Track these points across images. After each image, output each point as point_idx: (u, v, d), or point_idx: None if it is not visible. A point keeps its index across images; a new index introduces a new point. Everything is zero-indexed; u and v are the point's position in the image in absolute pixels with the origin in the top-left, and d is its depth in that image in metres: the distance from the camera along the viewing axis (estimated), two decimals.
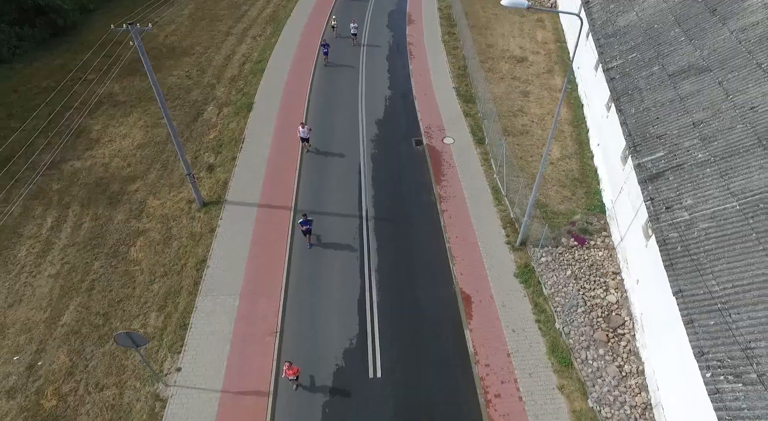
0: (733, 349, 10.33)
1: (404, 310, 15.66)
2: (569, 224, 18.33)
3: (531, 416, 13.09)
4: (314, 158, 21.53)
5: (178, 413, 13.11)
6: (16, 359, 14.70)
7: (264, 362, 14.17)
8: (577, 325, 15.09)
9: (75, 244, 18.28)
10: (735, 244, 11.85)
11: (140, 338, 11.91)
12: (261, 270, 16.74)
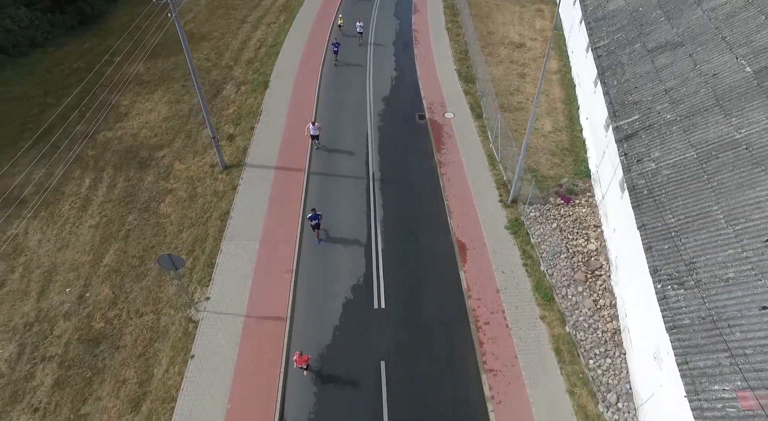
0: (680, 265, 12.47)
1: (406, 254, 17.89)
2: (557, 186, 20.50)
3: (516, 338, 15.26)
4: (326, 127, 23.85)
5: (208, 333, 15.42)
6: (69, 291, 17.07)
7: (282, 294, 16.45)
8: (560, 268, 17.23)
9: (111, 200, 20.68)
10: (689, 184, 14.00)
11: (179, 259, 14.23)
12: (278, 221, 19.04)
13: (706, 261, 12.11)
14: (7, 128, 24.73)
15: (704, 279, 11.86)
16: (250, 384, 14.16)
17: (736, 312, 10.85)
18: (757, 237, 11.67)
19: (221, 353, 14.89)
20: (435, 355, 14.96)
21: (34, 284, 17.39)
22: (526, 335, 15.35)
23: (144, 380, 14.55)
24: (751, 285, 11.02)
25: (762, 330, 10.29)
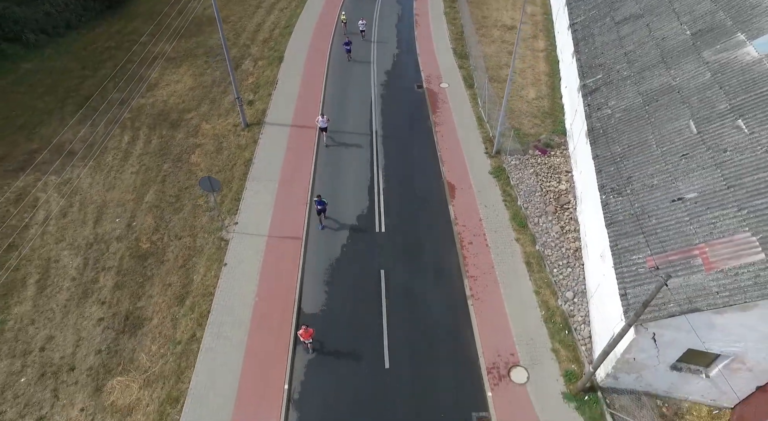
0: (620, 181, 15.95)
1: (403, 192, 21.40)
2: (536, 141, 23.98)
3: (494, 254, 18.71)
4: (333, 92, 27.48)
5: (237, 248, 18.97)
6: (118, 220, 20.67)
7: (298, 220, 19.99)
8: (534, 203, 20.69)
9: (147, 153, 24.33)
10: (634, 122, 17.50)
11: (216, 182, 17.82)
12: (294, 167, 22.60)
13: (639, 175, 15.60)
14: (53, 96, 28.45)
15: (636, 188, 15.34)
16: (273, 284, 17.68)
17: (654, 207, 14.32)
18: (677, 154, 15.14)
19: (249, 262, 18.44)
20: (425, 266, 18.44)
21: (90, 215, 21.01)
22: (503, 252, 18.81)
23: (186, 283, 18.11)
24: (668, 187, 14.48)
25: (668, 216, 13.75)
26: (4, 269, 18.39)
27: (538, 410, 14.34)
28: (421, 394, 14.81)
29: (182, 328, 16.65)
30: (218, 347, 15.88)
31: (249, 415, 14.22)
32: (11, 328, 16.79)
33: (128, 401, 14.93)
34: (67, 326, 16.95)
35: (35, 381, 15.39)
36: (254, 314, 16.79)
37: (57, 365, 15.83)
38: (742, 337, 11.67)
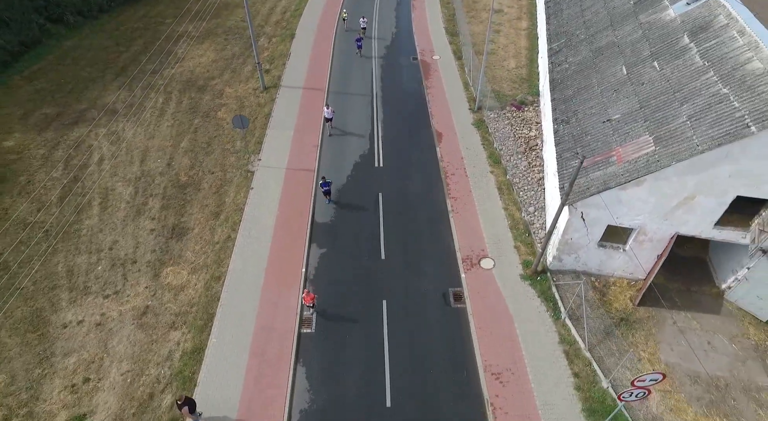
0: (568, 114, 20.61)
1: (397, 137, 26.10)
2: (513, 99, 28.67)
3: (472, 183, 23.35)
4: (339, 63, 32.26)
5: (261, 177, 23.66)
6: (159, 161, 25.41)
7: (311, 157, 24.69)
8: (508, 146, 25.34)
9: (180, 111, 29.10)
10: (584, 72, 22.18)
11: (246, 119, 22.55)
12: (307, 119, 27.34)
13: (582, 108, 20.27)
14: (94, 67, 33.30)
15: (579, 117, 20.00)
16: (291, 204, 22.35)
17: (590, 128, 18.96)
18: (610, 90, 19.81)
19: (271, 186, 23.15)
20: (415, 191, 23.09)
21: (136, 157, 25.76)
22: (479, 181, 23.46)
23: (220, 203, 22.79)
24: (601, 114, 19.15)
25: (599, 133, 18.40)
26: (73, 194, 23.13)
27: (500, 287, 18.90)
28: (410, 276, 19.40)
29: (219, 233, 21.33)
30: (249, 244, 20.54)
31: (275, 287, 18.83)
32: (85, 234, 21.48)
33: (180, 282, 19.57)
34: (127, 234, 21.62)
35: (109, 269, 20.06)
36: (277, 222, 21.47)
37: (123, 259, 20.49)
38: (641, 210, 16.24)
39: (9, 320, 18.01)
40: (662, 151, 15.53)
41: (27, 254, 20.20)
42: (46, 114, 28.64)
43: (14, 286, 18.92)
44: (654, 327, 17.37)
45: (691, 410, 15.14)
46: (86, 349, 17.31)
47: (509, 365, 16.42)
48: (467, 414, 15.28)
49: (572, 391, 15.75)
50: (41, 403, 15.79)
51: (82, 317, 18.29)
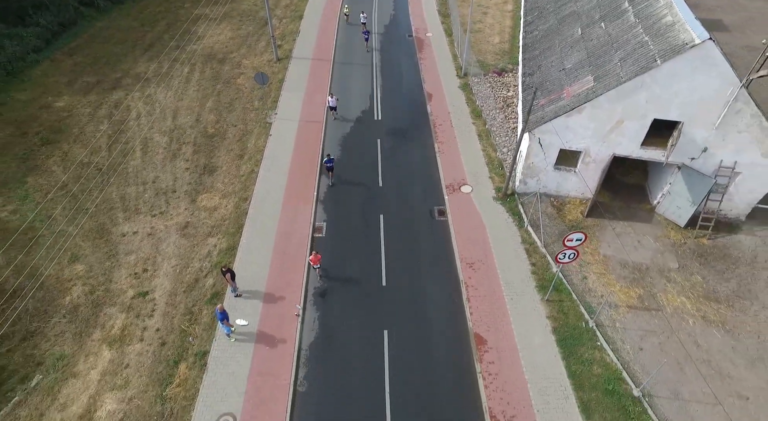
0: (533, 68, 25.41)
1: (394, 98, 30.94)
2: (494, 68, 33.51)
3: (456, 131, 28.13)
4: (343, 39, 37.13)
5: (278, 127, 28.46)
6: (188, 117, 30.25)
7: (320, 113, 29.49)
8: (488, 103, 30.14)
9: (203, 78, 33.97)
10: (549, 35, 27.01)
11: (266, 76, 27.37)
12: (316, 83, 32.18)
13: (545, 63, 25.07)
14: (124, 44, 38.23)
15: (542, 70, 24.77)
16: (304, 146, 27.12)
17: (549, 76, 23.76)
18: (567, 47, 24.60)
19: (287, 134, 27.94)
20: (408, 136, 27.88)
21: (168, 114, 30.59)
22: (462, 130, 28.24)
23: (243, 148, 27.58)
24: (558, 65, 23.92)
25: (555, 79, 23.18)
26: (117, 142, 27.95)
27: (476, 205, 23.62)
28: (403, 198, 24.12)
29: (244, 168, 26.12)
30: (269, 175, 25.32)
31: (292, 205, 23.56)
32: (132, 172, 26.25)
33: (213, 204, 24.31)
34: (166, 171, 26.41)
35: (153, 196, 24.82)
36: (292, 159, 26.27)
37: (164, 189, 25.26)
38: (584, 134, 20.96)
39: (81, 231, 22.76)
40: (598, 85, 20.30)
41: (87, 185, 25.01)
42: (87, 81, 33.54)
43: (81, 208, 23.71)
44: (597, 232, 22.08)
45: (618, 284, 19.81)
46: (142, 251, 22.05)
47: (481, 258, 21.12)
48: (447, 290, 19.96)
49: (529, 275, 20.44)
50: (113, 284, 20.54)
51: (136, 229, 23.06)
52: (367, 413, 16.17)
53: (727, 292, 19.62)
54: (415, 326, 18.73)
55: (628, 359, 17.42)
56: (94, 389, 17.13)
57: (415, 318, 18.99)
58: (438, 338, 18.37)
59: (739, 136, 19.37)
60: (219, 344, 18.11)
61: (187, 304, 19.68)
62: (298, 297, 19.57)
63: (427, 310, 19.30)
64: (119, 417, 16.28)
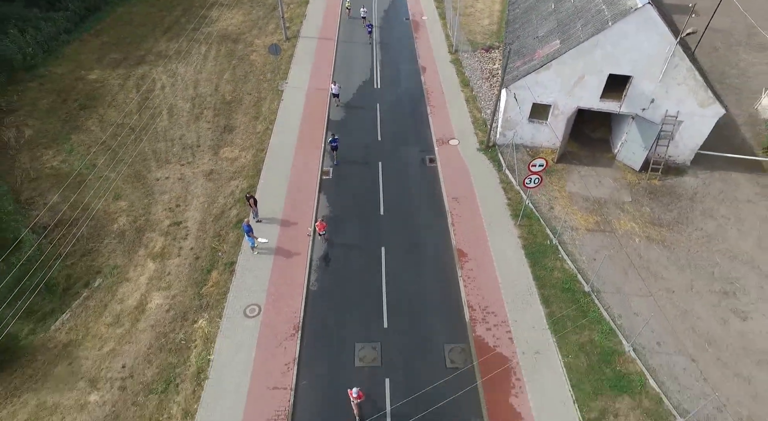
0: (514, 38, 29.58)
1: (392, 70, 35.13)
2: (483, 45, 37.70)
3: (446, 97, 32.28)
4: (346, 20, 41.35)
5: (289, 94, 32.62)
6: (208, 87, 34.42)
7: (326, 83, 33.65)
8: (476, 75, 34.30)
9: (220, 55, 38.17)
10: (527, 12, 31.20)
11: (279, 48, 31.53)
12: (321, 60, 36.38)
13: (523, 34, 29.25)
14: (144, 27, 42.47)
15: (521, 39, 28.93)
16: (312, 108, 31.27)
17: (525, 43, 27.93)
18: (542, 19, 28.78)
19: (297, 99, 32.10)
20: (405, 101, 32.05)
21: (190, 85, 34.76)
22: (452, 95, 32.41)
23: (258, 111, 31.71)
24: (533, 34, 28.08)
25: (530, 45, 27.34)
26: (146, 107, 32.12)
27: (461, 155, 27.71)
28: (398, 149, 28.20)
29: (259, 127, 30.26)
30: (282, 132, 29.45)
31: (303, 153, 27.65)
32: (160, 131, 30.40)
33: (234, 155, 28.42)
34: (191, 130, 30.54)
35: (181, 150, 28.94)
36: (302, 119, 30.42)
37: (190, 144, 29.37)
38: (552, 89, 25.06)
39: (121, 176, 26.87)
40: (563, 47, 24.42)
41: (122, 141, 29.15)
42: (114, 58, 37.76)
43: (119, 159, 27.84)
44: (565, 174, 26.15)
45: (580, 214, 23.86)
46: (174, 191, 26.16)
47: (465, 193, 25.21)
48: (435, 218, 24.03)
49: (505, 206, 24.50)
50: (152, 215, 24.64)
51: (168, 175, 27.18)
52: (367, 306, 20.20)
53: (669, 219, 23.67)
54: (407, 243, 22.80)
55: (583, 267, 21.45)
56: (143, 289, 21.20)
57: (408, 238, 23.06)
58: (427, 252, 22.44)
59: (679, 88, 23.45)
60: (244, 256, 22.18)
61: (215, 229, 23.77)
62: (309, 221, 23.66)
63: (418, 233, 23.37)
64: (165, 308, 20.35)
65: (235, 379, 17.74)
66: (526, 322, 19.52)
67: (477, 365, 18.16)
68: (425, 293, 20.69)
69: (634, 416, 16.67)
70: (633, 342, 18.49)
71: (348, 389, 16.33)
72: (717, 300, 20.17)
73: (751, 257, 21.87)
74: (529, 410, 16.93)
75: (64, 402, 17.38)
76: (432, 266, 21.79)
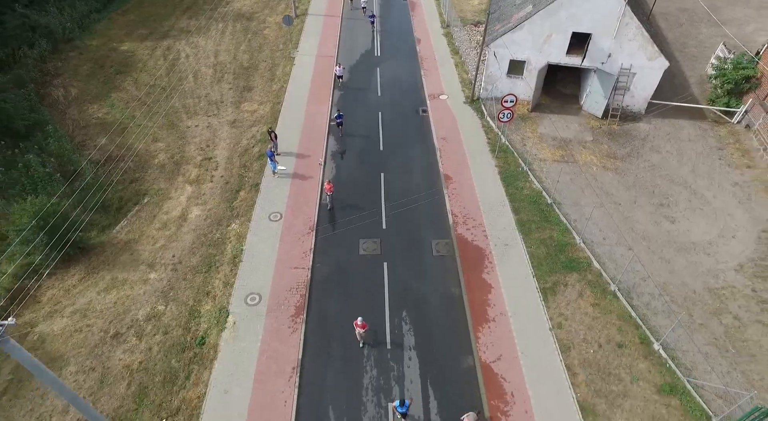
0: (496, 9, 34.71)
1: (390, 40, 40.27)
2: (472, 21, 42.85)
3: (438, 62, 37.39)
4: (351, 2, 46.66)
5: (300, 59, 37.73)
6: (227, 55, 39.50)
7: (332, 51, 38.75)
8: (465, 45, 39.41)
9: (236, 31, 43.33)
10: None
11: (292, 19, 36.65)
12: (328, 33, 41.55)
13: (504, 4, 34.37)
14: (166, 8, 47.68)
15: (501, 9, 34.04)
16: (320, 71, 36.37)
17: (506, 11, 33.02)
18: None
19: (307, 63, 37.23)
20: (402, 65, 37.18)
21: (210, 54, 39.87)
22: (443, 61, 37.54)
23: (272, 74, 36.79)
24: (512, 3, 33.19)
25: (510, 11, 32.45)
26: (173, 72, 37.22)
27: (450, 106, 32.75)
28: (395, 103, 33.24)
29: (275, 86, 35.32)
30: (295, 89, 34.53)
31: (314, 107, 32.67)
32: (188, 90, 35.47)
33: (253, 108, 33.45)
34: (215, 90, 35.60)
35: (207, 105, 33.98)
36: (312, 79, 35.52)
37: (215, 101, 34.42)
38: (525, 46, 30.10)
39: (157, 125, 31.92)
40: (533, 9, 29.48)
41: (155, 98, 34.22)
42: (141, 33, 42.94)
43: (154, 112, 32.88)
44: (538, 120, 31.17)
45: (548, 149, 28.84)
46: (204, 135, 31.18)
47: (451, 135, 30.22)
48: (426, 152, 29.02)
49: (486, 144, 29.50)
50: (186, 153, 29.67)
51: (197, 124, 32.22)
52: (369, 214, 25.14)
53: (623, 153, 28.67)
54: (402, 171, 27.83)
55: (547, 186, 26.41)
56: (184, 204, 26.18)
57: (403, 167, 28.08)
58: (418, 176, 27.43)
59: (630, 43, 28.47)
60: (267, 180, 27.16)
61: (241, 161, 28.77)
62: (320, 153, 28.68)
63: (411, 162, 28.39)
64: (203, 217, 25.31)
65: (264, 262, 22.68)
66: (498, 225, 24.47)
67: (458, 253, 23.10)
68: (417, 205, 25.63)
69: (579, 286, 21.58)
70: (583, 237, 23.42)
71: (354, 320, 19.44)
72: (654, 210, 25.12)
73: (685, 180, 26.84)
74: (498, 283, 21.83)
75: (131, 278, 22.32)
76: (423, 186, 26.76)
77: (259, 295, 21.26)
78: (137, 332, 20.17)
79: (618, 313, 20.55)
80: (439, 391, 18.27)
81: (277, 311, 20.66)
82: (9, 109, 29.06)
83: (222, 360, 19.05)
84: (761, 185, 26.37)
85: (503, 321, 20.39)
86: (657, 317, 20.25)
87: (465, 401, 17.88)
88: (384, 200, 25.91)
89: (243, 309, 20.73)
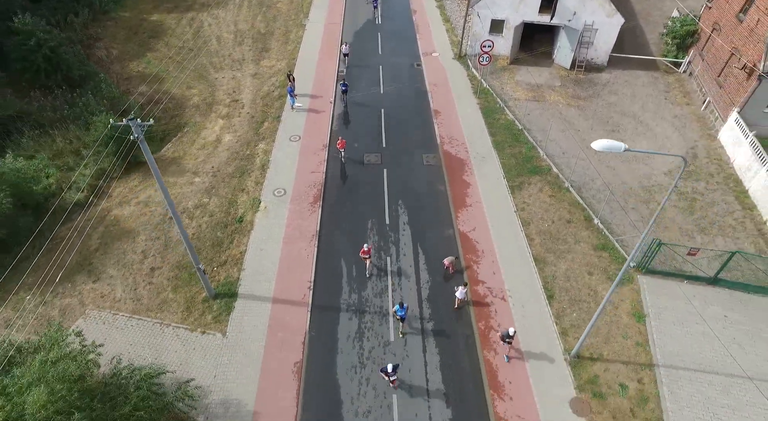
0: None
1: (392, 21, 46.61)
2: None
3: (432, 28, 43.72)
4: None
5: (310, 27, 44.07)
6: (245, 25, 45.74)
7: (339, 20, 45.01)
8: (456, 14, 45.70)
9: (252, 5, 49.65)
10: None
11: None
12: (333, 15, 47.87)
13: None
14: None
15: None
16: (329, 35, 42.64)
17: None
18: None
19: (316, 30, 43.53)
20: (399, 30, 43.44)
21: (230, 23, 46.11)
22: (435, 27, 43.83)
23: (286, 38, 43.03)
24: None
25: None
26: (198, 37, 43.45)
27: (440, 61, 38.99)
28: (393, 58, 39.41)
29: (289, 48, 41.54)
30: (307, 49, 40.77)
31: (324, 62, 38.81)
32: (213, 51, 41.67)
33: (271, 64, 39.60)
34: (236, 51, 41.81)
35: (231, 62, 40.13)
36: (321, 41, 41.81)
37: (238, 59, 40.60)
38: (505, 7, 36.28)
39: (189, 76, 38.06)
40: None
41: (184, 56, 40.41)
42: (167, 6, 49.28)
43: (185, 67, 39.05)
44: (515, 70, 37.33)
45: (522, 91, 35.00)
46: (230, 85, 37.34)
47: (441, 82, 36.41)
48: (419, 94, 35.16)
49: (470, 89, 35.66)
50: (216, 96, 35.85)
51: (224, 76, 38.40)
52: (371, 136, 31.20)
53: (585, 95, 34.80)
54: (399, 106, 34.02)
55: (520, 117, 32.50)
56: (218, 132, 32.30)
57: (399, 102, 34.30)
58: (411, 111, 33.63)
59: (592, 2, 34.64)
60: (286, 114, 33.27)
61: (264, 102, 34.91)
62: (330, 95, 34.82)
63: (407, 99, 34.64)
64: (235, 140, 31.40)
65: (287, 168, 28.75)
66: (477, 144, 30.55)
67: (443, 162, 29.17)
68: (410, 130, 31.73)
69: (540, 184, 27.61)
70: (546, 151, 29.47)
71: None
72: (606, 134, 31.20)
73: (635, 114, 32.97)
74: (476, 182, 27.88)
75: (179, 181, 28.36)
76: (416, 118, 32.91)
77: (284, 189, 27.30)
78: (189, 215, 26.18)
79: (569, 201, 26.58)
80: (427, 249, 24.25)
81: (299, 200, 26.71)
82: (69, 60, 35.22)
83: (257, 230, 25.06)
84: (694, 117, 32.50)
85: (478, 207, 26.43)
86: (600, 204, 26.24)
87: (446, 255, 23.84)
88: (384, 125, 32.02)
89: (272, 198, 26.76)
